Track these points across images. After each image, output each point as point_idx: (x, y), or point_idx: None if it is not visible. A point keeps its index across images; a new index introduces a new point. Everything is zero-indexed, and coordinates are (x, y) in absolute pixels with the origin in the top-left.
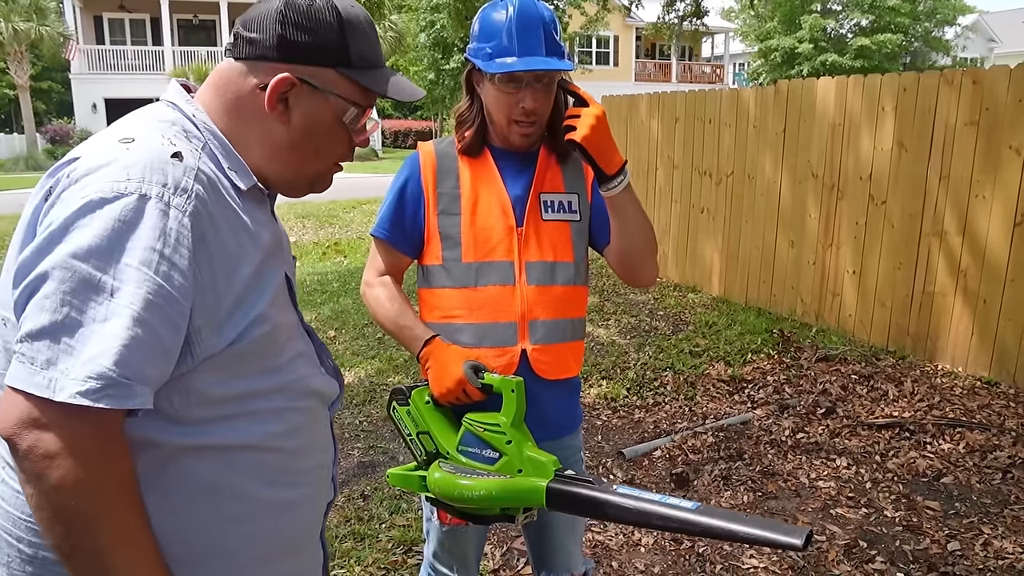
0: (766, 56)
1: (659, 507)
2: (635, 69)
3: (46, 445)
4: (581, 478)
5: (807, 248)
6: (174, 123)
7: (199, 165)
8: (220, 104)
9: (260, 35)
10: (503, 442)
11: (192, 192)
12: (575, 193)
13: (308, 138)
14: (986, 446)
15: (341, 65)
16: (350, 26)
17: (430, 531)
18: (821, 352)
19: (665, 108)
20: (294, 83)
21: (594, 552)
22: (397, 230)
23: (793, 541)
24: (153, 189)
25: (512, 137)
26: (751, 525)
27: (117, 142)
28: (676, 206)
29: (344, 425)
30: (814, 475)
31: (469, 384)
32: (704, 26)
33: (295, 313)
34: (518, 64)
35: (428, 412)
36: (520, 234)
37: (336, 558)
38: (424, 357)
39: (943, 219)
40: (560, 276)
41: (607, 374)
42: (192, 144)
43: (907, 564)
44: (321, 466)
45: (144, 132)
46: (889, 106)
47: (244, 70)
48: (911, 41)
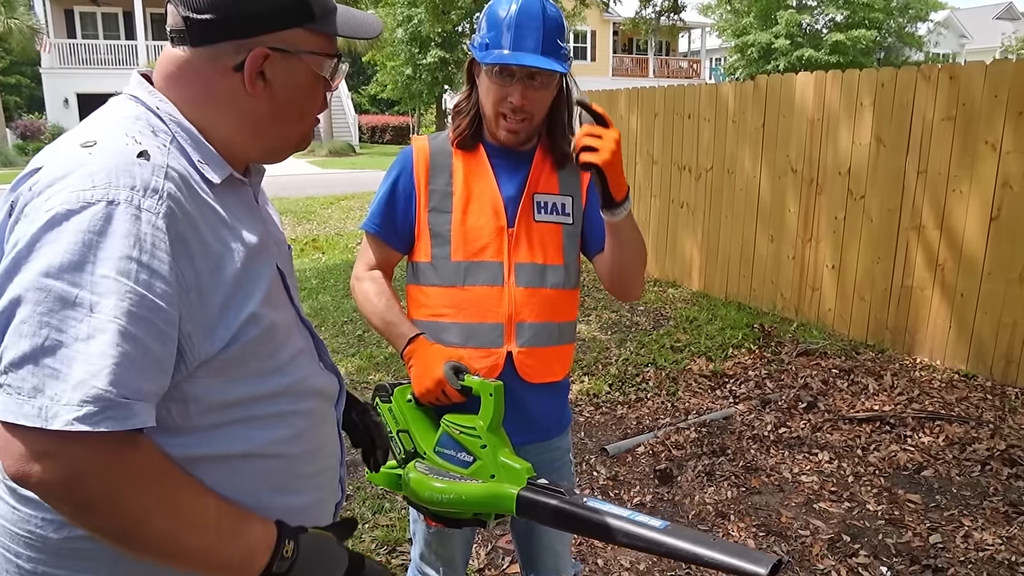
0: (743, 51)
1: (626, 524)
2: (612, 64)
3: (55, 474)
4: (553, 488)
5: (786, 243)
6: (138, 118)
7: (168, 162)
8: (185, 93)
9: (216, 14)
10: (478, 446)
11: (163, 192)
12: (569, 196)
13: (292, 104)
14: (965, 439)
15: (305, 21)
16: None
17: (417, 532)
18: (802, 346)
19: (644, 103)
20: (268, 54)
21: (579, 550)
22: (388, 225)
23: (758, 570)
24: (121, 194)
25: (499, 132)
26: (717, 550)
27: (79, 147)
28: (656, 201)
29: None
30: (797, 470)
31: (448, 385)
32: (681, 21)
33: (292, 308)
34: (508, 57)
35: (409, 411)
36: (511, 235)
37: None
38: (407, 355)
39: (921, 214)
40: (550, 279)
41: (589, 370)
42: (159, 139)
43: (890, 557)
44: (329, 468)
45: (106, 133)
46: (867, 101)
47: (208, 54)
48: (885, 37)
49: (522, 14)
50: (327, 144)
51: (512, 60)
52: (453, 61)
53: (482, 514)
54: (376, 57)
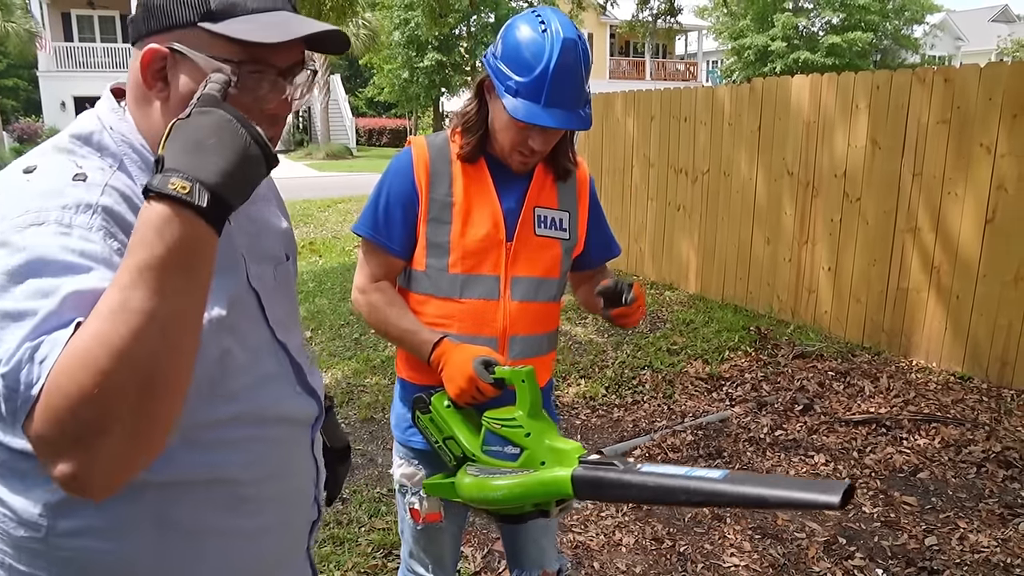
0: (739, 54)
1: (686, 482)
2: (609, 67)
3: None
4: (605, 461)
5: (783, 245)
6: (90, 138)
7: (108, 181)
8: (133, 103)
9: (137, 15)
10: (522, 436)
11: (97, 206)
12: (566, 211)
13: None
14: (960, 441)
15: (206, 19)
16: None
17: (405, 531)
18: (798, 349)
19: (640, 106)
20: (164, 54)
21: (575, 553)
22: (388, 232)
23: (830, 499)
24: (52, 215)
25: (511, 163)
26: (783, 487)
27: (21, 173)
28: (652, 204)
29: None
30: (793, 472)
31: (481, 381)
32: (678, 24)
33: (266, 329)
34: (545, 118)
35: (450, 416)
36: (509, 249)
37: (316, 562)
38: (435, 360)
39: (916, 216)
40: (543, 293)
41: (585, 373)
42: (104, 161)
43: (886, 560)
44: (295, 491)
45: (48, 157)
46: (863, 104)
47: (134, 53)
48: (881, 39)
49: (561, 68)
50: (324, 147)
51: (551, 123)
52: (450, 64)
53: (542, 503)
54: (373, 60)
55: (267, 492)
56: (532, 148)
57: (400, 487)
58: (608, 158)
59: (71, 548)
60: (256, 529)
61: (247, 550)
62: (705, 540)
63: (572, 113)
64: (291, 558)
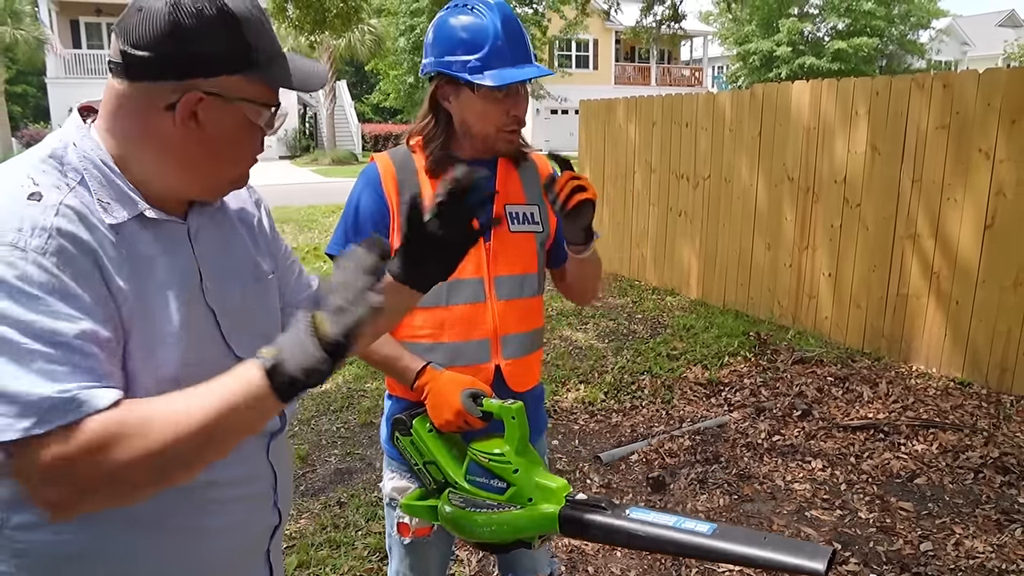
0: (745, 59)
1: (674, 533)
2: (614, 72)
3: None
4: (592, 502)
5: (783, 251)
6: (52, 156)
7: (64, 200)
8: (120, 128)
9: (153, 53)
10: (510, 472)
11: (52, 228)
12: (535, 205)
13: (224, 148)
14: (958, 446)
15: (246, 69)
16: (246, 23)
17: (392, 547)
18: (797, 354)
19: (642, 112)
20: (202, 97)
21: (570, 557)
22: None
23: (816, 567)
24: (7, 237)
25: (499, 144)
26: (770, 549)
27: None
28: (654, 209)
29: (321, 431)
30: (789, 477)
31: (469, 415)
32: (682, 30)
33: (223, 348)
34: (519, 74)
35: (432, 441)
36: (488, 249)
37: (312, 565)
38: (419, 388)
39: (916, 222)
40: (527, 289)
41: (585, 378)
42: (66, 179)
43: (880, 565)
44: (252, 496)
45: (5, 177)
46: (862, 110)
47: (143, 92)
48: (887, 44)
49: (508, 25)
50: (330, 153)
51: (530, 75)
52: None
53: (525, 536)
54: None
55: (223, 495)
56: (516, 117)
57: (390, 501)
58: (610, 164)
59: (25, 541)
60: (212, 530)
61: (208, 548)
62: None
63: (533, 65)
64: (250, 559)
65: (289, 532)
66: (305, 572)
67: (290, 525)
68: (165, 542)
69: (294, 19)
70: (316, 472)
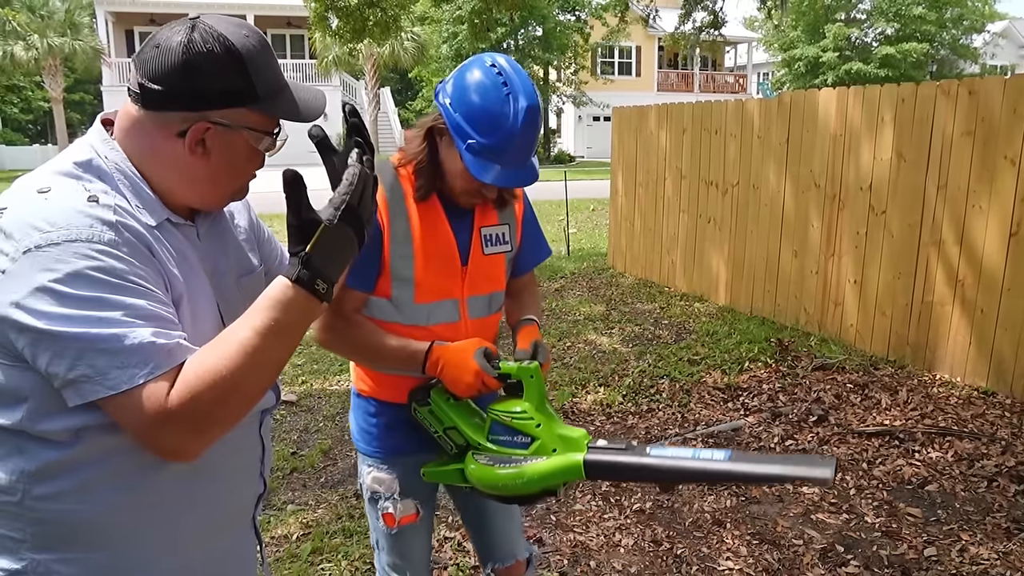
0: (790, 65)
1: (695, 463)
2: (657, 79)
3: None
4: (614, 446)
5: (810, 258)
6: (88, 166)
7: (116, 203)
8: (135, 146)
9: (166, 87)
10: (533, 427)
11: (117, 225)
12: (507, 224)
13: (226, 170)
14: (974, 454)
15: (250, 102)
16: (251, 62)
17: (379, 540)
18: (818, 361)
19: (673, 119)
20: (209, 127)
21: (573, 552)
22: (353, 271)
23: (825, 476)
24: (83, 234)
25: (461, 203)
26: (780, 465)
27: (36, 193)
28: (684, 216)
29: (344, 428)
30: None
31: (486, 375)
32: (721, 36)
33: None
34: (505, 179)
35: (451, 408)
36: (464, 272)
37: (325, 552)
38: (432, 365)
39: (941, 229)
40: (494, 306)
41: (605, 381)
42: (105, 184)
43: (881, 568)
44: (242, 465)
45: (58, 181)
46: (888, 117)
47: (156, 119)
48: (938, 49)
49: (527, 130)
50: None
51: (513, 184)
52: None
53: (550, 485)
54: (422, 73)
55: (218, 464)
56: (485, 196)
57: (372, 495)
58: (642, 171)
59: (44, 510)
60: (208, 496)
61: (198, 513)
62: (703, 544)
63: (526, 168)
64: (238, 524)
65: (306, 521)
66: (319, 557)
67: (307, 514)
68: (168, 509)
69: (335, 29)
70: (336, 466)
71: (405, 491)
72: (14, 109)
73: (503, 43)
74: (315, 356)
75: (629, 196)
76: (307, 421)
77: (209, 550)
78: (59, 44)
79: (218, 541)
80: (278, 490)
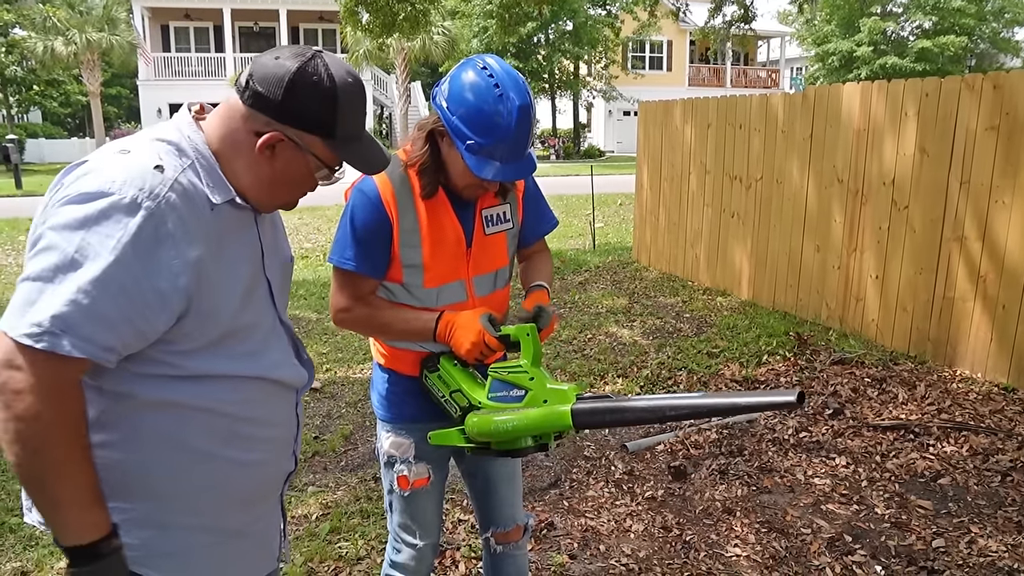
0: (823, 60)
1: (672, 400)
2: (688, 74)
3: (15, 383)
4: (600, 395)
5: (832, 253)
6: (171, 142)
7: (178, 177)
8: (221, 132)
9: (266, 91)
10: (526, 380)
11: (163, 198)
12: (508, 203)
13: (284, 180)
14: (989, 449)
15: (326, 136)
16: (343, 103)
17: (393, 502)
18: (836, 355)
19: (698, 114)
20: (283, 139)
21: (584, 536)
22: (367, 260)
23: (790, 399)
24: (130, 192)
25: (465, 195)
26: (747, 396)
27: (116, 152)
28: (708, 210)
29: (366, 414)
30: (811, 472)
31: (488, 335)
32: (752, 31)
33: (272, 312)
34: (504, 174)
35: (457, 372)
36: (469, 254)
37: (343, 531)
38: (443, 330)
39: (963, 224)
40: (500, 281)
41: (623, 372)
42: (180, 161)
43: (888, 558)
44: (278, 439)
45: (139, 147)
46: (912, 111)
47: (246, 114)
48: (976, 43)
49: (521, 126)
50: None
51: (512, 178)
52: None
53: (543, 438)
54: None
55: (256, 434)
56: (486, 189)
57: (388, 459)
58: (667, 165)
59: (102, 457)
60: (245, 463)
61: (235, 479)
62: (712, 531)
63: (524, 161)
64: (268, 498)
65: (325, 502)
66: (337, 536)
67: (327, 496)
68: (214, 468)
69: (365, 23)
70: (357, 450)
71: (419, 456)
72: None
73: (533, 37)
74: (339, 344)
75: (654, 190)
76: (330, 407)
77: (241, 517)
78: (97, 39)
79: (251, 510)
80: (300, 473)
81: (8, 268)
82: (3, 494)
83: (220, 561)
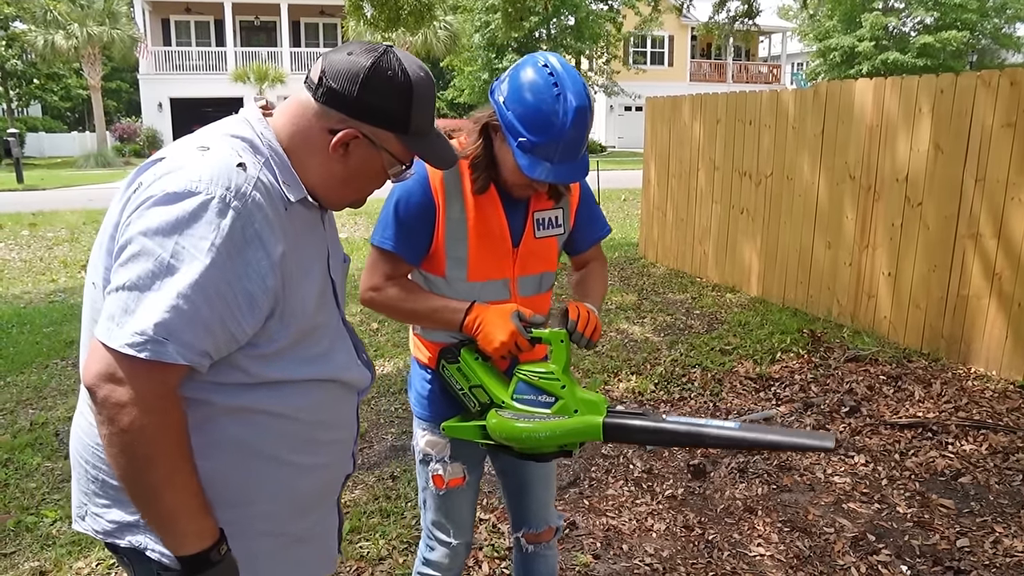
0: (825, 55)
1: (708, 429)
2: (690, 69)
3: (118, 396)
4: (631, 411)
5: (843, 249)
6: (245, 138)
7: (259, 176)
8: (291, 130)
9: (341, 88)
10: (558, 387)
11: (250, 197)
12: (561, 207)
13: (357, 178)
14: (1009, 448)
15: (401, 132)
16: (418, 100)
17: (427, 500)
18: (850, 352)
19: (707, 109)
20: (358, 136)
21: (606, 535)
22: (406, 243)
23: (825, 444)
24: (218, 191)
25: (514, 194)
26: (787, 435)
27: (196, 149)
28: (716, 207)
29: (380, 411)
30: (830, 471)
31: (521, 336)
32: (755, 26)
33: (337, 313)
34: (555, 175)
35: (479, 367)
36: (516, 254)
37: (363, 531)
38: (472, 322)
39: (978, 221)
40: (545, 284)
41: (637, 369)
42: (256, 158)
43: (913, 558)
44: (341, 441)
45: (218, 144)
46: (926, 108)
47: (319, 111)
48: (979, 38)
49: (576, 128)
50: None
51: (563, 180)
52: None
53: (568, 444)
54: (454, 62)
55: (322, 437)
56: (536, 188)
57: (424, 456)
58: (675, 161)
59: None
60: (311, 467)
61: (300, 484)
62: (734, 530)
63: (577, 163)
64: (329, 500)
65: (344, 501)
66: (357, 536)
67: (345, 495)
68: (281, 474)
69: (369, 18)
70: (373, 448)
71: (455, 455)
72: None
73: (535, 32)
74: None
75: (662, 186)
76: None
77: (303, 521)
78: (98, 33)
79: (312, 514)
80: None
81: (12, 263)
82: (19, 493)
83: (284, 566)
